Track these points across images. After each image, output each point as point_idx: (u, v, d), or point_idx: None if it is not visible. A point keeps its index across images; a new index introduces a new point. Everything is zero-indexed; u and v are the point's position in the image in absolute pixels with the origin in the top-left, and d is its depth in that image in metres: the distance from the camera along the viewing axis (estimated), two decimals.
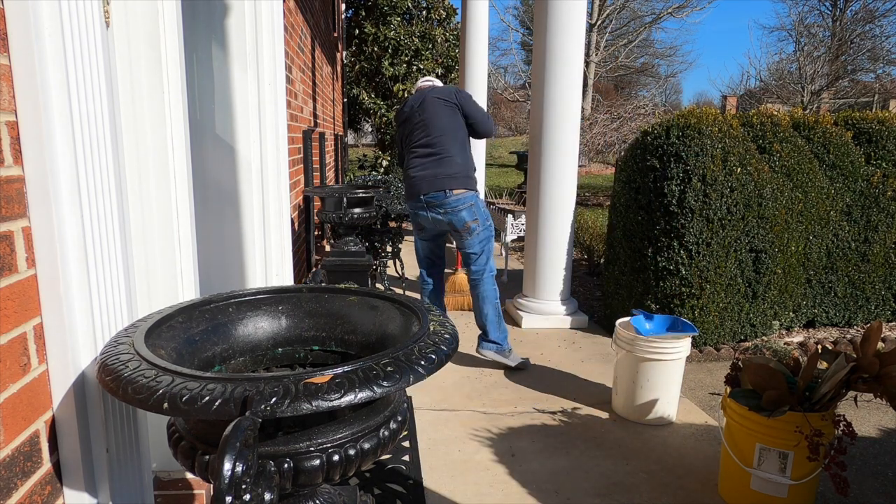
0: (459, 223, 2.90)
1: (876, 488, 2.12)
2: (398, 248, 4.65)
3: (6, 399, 0.88)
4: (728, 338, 3.46)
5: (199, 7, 1.98)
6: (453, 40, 12.07)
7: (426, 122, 2.95)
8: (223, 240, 2.15)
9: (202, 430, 0.94)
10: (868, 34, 18.73)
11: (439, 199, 2.87)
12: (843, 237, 3.73)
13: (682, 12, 21.52)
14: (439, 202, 2.88)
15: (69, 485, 1.02)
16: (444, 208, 2.88)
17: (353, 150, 20.57)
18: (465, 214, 2.89)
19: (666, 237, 3.26)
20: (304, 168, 4.26)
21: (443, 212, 2.89)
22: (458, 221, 2.90)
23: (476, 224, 2.93)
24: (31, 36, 0.89)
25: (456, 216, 2.89)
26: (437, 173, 2.89)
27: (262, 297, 1.23)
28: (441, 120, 2.95)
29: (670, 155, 3.25)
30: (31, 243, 0.94)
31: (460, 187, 2.88)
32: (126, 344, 0.95)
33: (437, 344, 0.96)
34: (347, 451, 0.92)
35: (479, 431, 2.44)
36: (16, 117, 0.90)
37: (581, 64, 3.58)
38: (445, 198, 2.86)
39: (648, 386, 2.47)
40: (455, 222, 2.90)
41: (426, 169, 2.91)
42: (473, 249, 2.98)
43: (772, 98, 18.09)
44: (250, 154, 2.08)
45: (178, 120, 1.36)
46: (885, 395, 1.72)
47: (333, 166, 7.83)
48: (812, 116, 3.90)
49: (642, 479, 2.11)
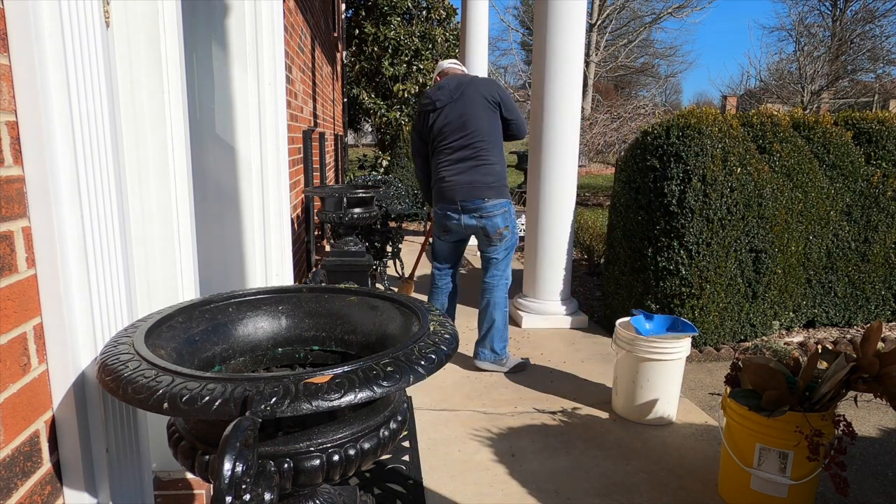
0: (493, 229, 2.85)
1: (876, 488, 2.12)
2: (398, 248, 4.65)
3: (6, 399, 0.88)
4: (728, 338, 3.46)
5: (199, 7, 1.98)
6: (453, 40, 12.07)
7: (466, 122, 2.79)
8: (223, 240, 2.15)
9: (202, 430, 0.94)
10: (868, 34, 18.74)
11: (477, 203, 2.80)
12: (843, 237, 3.73)
13: (682, 12, 21.54)
14: (476, 207, 2.81)
15: (69, 485, 1.02)
16: (481, 213, 2.82)
17: (353, 150, 20.57)
18: (499, 220, 2.84)
19: (666, 237, 3.26)
20: (304, 168, 4.26)
21: (478, 216, 2.82)
22: (491, 227, 2.84)
23: (507, 231, 2.89)
24: (31, 36, 0.89)
25: (490, 221, 2.83)
26: (476, 181, 2.80)
27: (262, 297, 1.23)
28: (482, 122, 2.82)
29: (670, 155, 3.25)
30: (31, 243, 0.94)
31: (498, 196, 2.83)
32: (126, 344, 0.95)
33: (437, 344, 0.96)
34: (347, 451, 0.92)
35: (479, 431, 2.44)
36: (16, 117, 0.90)
37: (581, 64, 3.58)
38: (483, 203, 2.80)
39: (648, 386, 2.47)
40: (489, 227, 2.84)
41: (463, 174, 2.80)
42: (498, 255, 2.93)
43: (772, 98, 18.10)
44: (250, 154, 2.08)
45: (178, 120, 1.36)
46: (885, 395, 1.72)
47: (333, 166, 7.84)
48: (812, 116, 3.90)
49: (642, 479, 2.12)
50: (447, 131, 2.82)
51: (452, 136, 2.81)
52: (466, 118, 2.80)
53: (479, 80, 2.87)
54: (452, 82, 2.85)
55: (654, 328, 2.59)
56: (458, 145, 2.81)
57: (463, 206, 2.82)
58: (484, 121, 2.81)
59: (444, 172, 2.84)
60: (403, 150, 8.16)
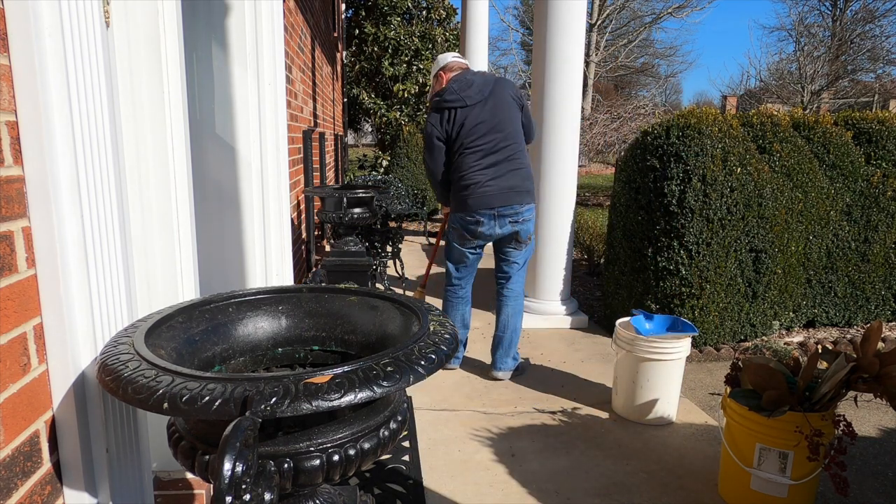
0: (525, 234, 2.77)
1: (876, 488, 2.12)
2: (398, 248, 4.65)
3: (6, 399, 0.88)
4: (728, 338, 3.46)
5: (199, 7, 1.98)
6: (453, 40, 12.07)
7: (500, 123, 2.67)
8: (223, 240, 2.15)
9: (202, 430, 0.94)
10: (868, 34, 18.74)
11: (515, 209, 2.70)
12: (843, 237, 3.73)
13: (682, 12, 21.54)
14: (514, 212, 2.70)
15: (69, 485, 1.02)
16: (517, 218, 2.71)
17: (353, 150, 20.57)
18: (531, 225, 2.79)
19: (666, 237, 3.26)
20: (304, 168, 4.26)
21: (513, 221, 2.71)
22: (524, 232, 2.76)
23: (533, 235, 2.85)
24: (31, 36, 0.89)
25: (524, 226, 2.75)
26: (514, 186, 2.69)
27: (262, 297, 1.23)
28: (514, 123, 2.71)
29: (670, 155, 3.25)
30: (31, 243, 0.94)
31: (532, 201, 2.76)
32: (126, 344, 0.95)
33: (437, 344, 0.96)
34: (347, 451, 0.92)
35: (479, 431, 2.44)
36: (16, 117, 0.90)
37: (581, 64, 3.58)
38: (520, 208, 2.71)
39: (648, 386, 2.47)
40: (522, 233, 2.75)
41: (500, 179, 2.67)
42: (520, 260, 2.86)
43: (772, 98, 18.10)
44: (250, 154, 2.08)
45: (178, 120, 1.36)
46: (885, 395, 1.72)
47: (333, 166, 7.84)
48: (812, 116, 3.90)
49: (642, 479, 2.11)
50: (479, 132, 2.66)
51: (485, 137, 2.66)
52: (501, 119, 2.67)
53: (504, 80, 2.77)
54: (478, 79, 2.70)
55: (654, 328, 2.59)
56: (490, 148, 2.67)
57: (499, 212, 2.68)
58: (516, 123, 2.72)
59: (477, 177, 2.67)
60: (403, 151, 8.15)
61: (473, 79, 2.70)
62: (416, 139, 8.26)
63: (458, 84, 2.69)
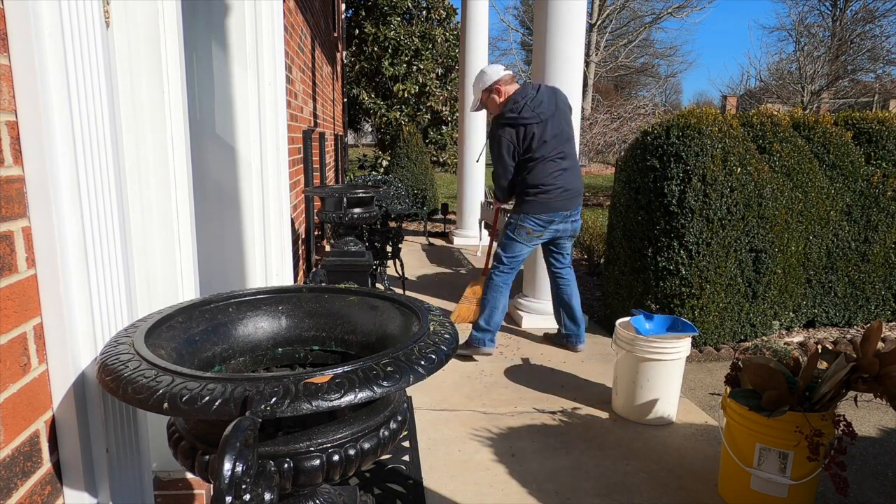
0: (578, 230, 3.16)
1: (876, 488, 2.12)
2: (398, 248, 4.64)
3: (6, 399, 0.88)
4: (728, 338, 3.46)
5: (199, 7, 1.98)
6: (453, 40, 12.07)
7: (564, 133, 3.01)
8: (223, 240, 2.15)
9: (202, 430, 0.94)
10: (868, 34, 18.75)
11: (578, 209, 3.11)
12: (843, 237, 3.73)
13: (682, 12, 21.55)
14: (577, 212, 3.11)
15: (69, 485, 1.02)
16: (575, 216, 3.10)
17: (353, 150, 20.57)
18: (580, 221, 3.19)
19: (666, 237, 3.26)
20: (304, 168, 4.25)
21: (573, 220, 3.09)
22: (578, 228, 3.15)
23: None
24: (31, 36, 0.89)
25: (579, 223, 3.15)
26: (579, 189, 3.08)
27: (262, 297, 1.23)
28: (572, 130, 3.10)
29: (670, 155, 3.25)
30: (31, 243, 0.94)
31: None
32: (126, 344, 0.95)
33: (437, 344, 0.96)
34: (347, 451, 0.92)
35: (479, 431, 2.44)
36: (16, 117, 0.90)
37: (581, 64, 3.57)
38: (580, 208, 3.12)
39: (648, 386, 2.47)
40: (577, 229, 3.15)
41: (574, 182, 3.04)
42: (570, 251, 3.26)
43: (772, 98, 18.11)
44: (250, 154, 2.08)
45: (178, 120, 1.36)
46: (885, 395, 1.72)
47: (333, 166, 7.84)
48: (812, 116, 3.90)
49: (642, 479, 2.11)
50: (555, 143, 2.96)
51: (559, 147, 2.98)
52: (564, 129, 3.02)
53: (557, 90, 3.07)
54: (543, 94, 2.96)
55: (654, 328, 2.59)
56: (562, 155, 2.99)
57: (571, 213, 3.06)
58: (572, 129, 3.11)
59: (557, 182, 2.98)
60: (403, 151, 8.16)
61: (540, 95, 2.96)
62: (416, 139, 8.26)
63: (530, 101, 2.93)
